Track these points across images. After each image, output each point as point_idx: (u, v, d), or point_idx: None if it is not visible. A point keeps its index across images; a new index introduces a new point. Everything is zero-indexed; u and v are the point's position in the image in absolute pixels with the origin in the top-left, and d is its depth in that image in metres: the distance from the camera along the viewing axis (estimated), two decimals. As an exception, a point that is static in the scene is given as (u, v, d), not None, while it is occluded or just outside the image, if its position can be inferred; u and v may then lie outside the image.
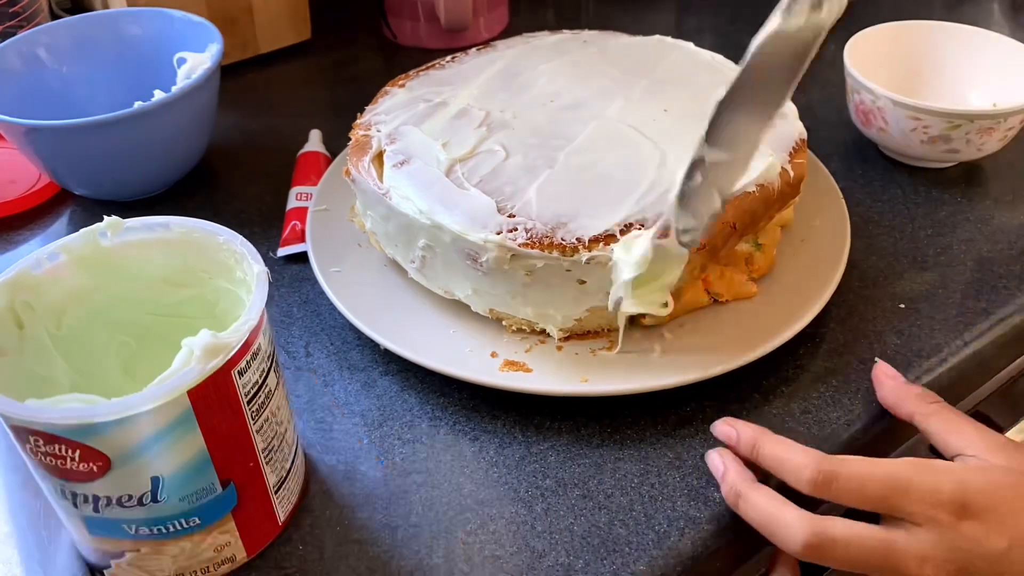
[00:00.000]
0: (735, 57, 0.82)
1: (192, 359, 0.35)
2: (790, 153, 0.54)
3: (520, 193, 0.50)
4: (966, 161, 0.66)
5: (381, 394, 0.51)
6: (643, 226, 0.47)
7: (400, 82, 0.61)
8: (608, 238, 0.47)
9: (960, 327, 0.54)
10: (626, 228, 0.47)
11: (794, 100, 0.74)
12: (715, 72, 0.61)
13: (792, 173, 0.53)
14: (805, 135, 0.56)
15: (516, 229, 0.47)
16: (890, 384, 0.48)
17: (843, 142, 0.70)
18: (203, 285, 0.44)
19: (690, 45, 0.64)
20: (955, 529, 0.38)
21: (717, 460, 0.44)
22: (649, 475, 0.46)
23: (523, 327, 0.51)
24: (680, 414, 0.49)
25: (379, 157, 0.54)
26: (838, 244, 0.55)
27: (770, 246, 0.55)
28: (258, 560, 0.43)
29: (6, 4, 0.69)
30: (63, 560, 0.43)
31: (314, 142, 0.70)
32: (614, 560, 0.42)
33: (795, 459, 0.41)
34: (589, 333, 0.51)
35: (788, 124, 0.56)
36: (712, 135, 0.41)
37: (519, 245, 0.47)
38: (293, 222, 0.62)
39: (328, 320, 0.55)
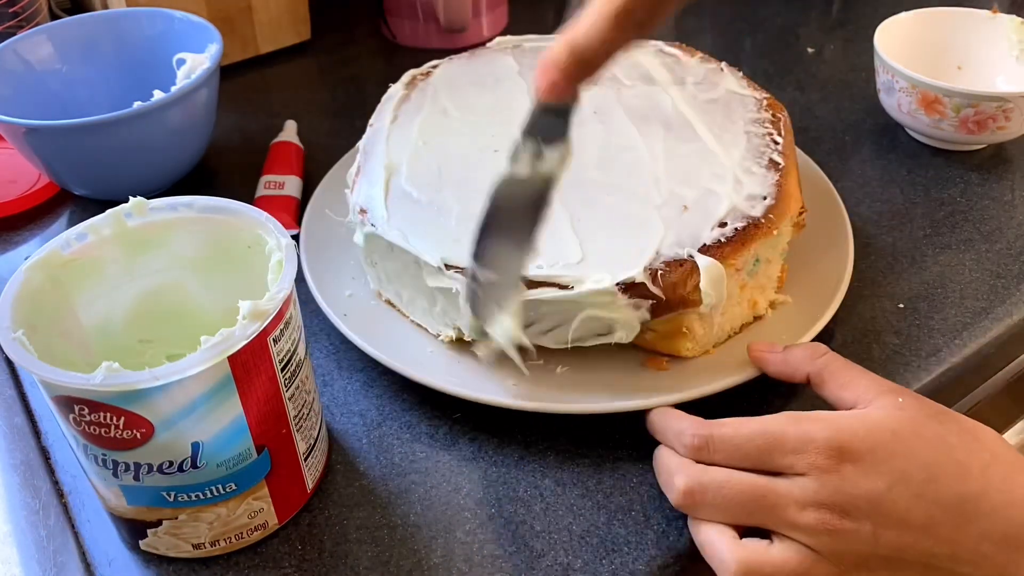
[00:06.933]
0: (735, 57, 0.83)
1: (235, 325, 0.37)
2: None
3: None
4: (995, 144, 0.68)
5: (380, 394, 0.51)
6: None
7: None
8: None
9: (959, 327, 0.54)
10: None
11: (793, 100, 0.74)
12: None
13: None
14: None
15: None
16: (774, 357, 0.47)
17: (842, 143, 0.70)
18: (228, 262, 0.45)
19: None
20: (835, 473, 0.38)
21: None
22: (648, 475, 0.46)
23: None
24: (679, 414, 0.49)
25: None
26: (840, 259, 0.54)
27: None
28: (281, 532, 0.44)
29: (6, 4, 0.69)
30: (62, 560, 0.43)
31: (288, 132, 0.70)
32: (613, 560, 0.42)
33: (675, 426, 0.43)
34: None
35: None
36: (478, 257, 0.43)
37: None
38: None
39: (327, 320, 0.55)
